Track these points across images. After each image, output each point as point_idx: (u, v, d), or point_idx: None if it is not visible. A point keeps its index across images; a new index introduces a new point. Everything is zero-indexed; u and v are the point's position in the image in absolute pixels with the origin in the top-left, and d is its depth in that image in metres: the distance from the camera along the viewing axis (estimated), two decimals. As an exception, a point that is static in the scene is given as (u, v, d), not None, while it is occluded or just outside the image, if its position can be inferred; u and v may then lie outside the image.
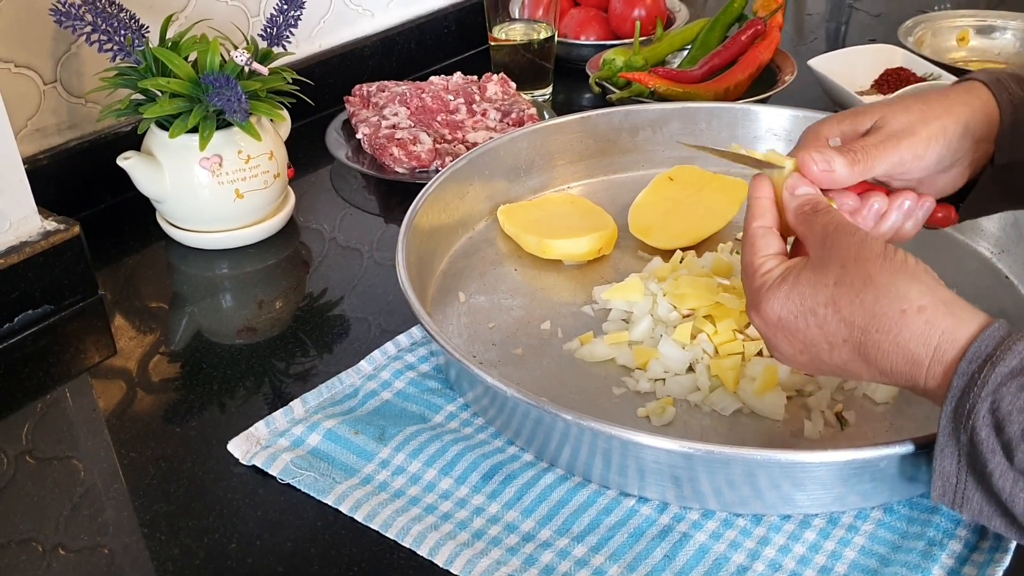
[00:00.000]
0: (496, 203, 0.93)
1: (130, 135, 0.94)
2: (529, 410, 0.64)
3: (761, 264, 0.59)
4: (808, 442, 0.68)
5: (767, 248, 0.60)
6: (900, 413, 0.71)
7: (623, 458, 0.62)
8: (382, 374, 0.75)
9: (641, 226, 0.90)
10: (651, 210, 0.91)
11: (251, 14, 1.06)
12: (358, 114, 1.07)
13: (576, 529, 0.62)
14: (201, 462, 0.69)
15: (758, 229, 0.61)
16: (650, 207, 0.92)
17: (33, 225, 0.81)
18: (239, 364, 0.78)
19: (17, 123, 0.90)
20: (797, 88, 1.15)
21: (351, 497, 0.64)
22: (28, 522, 0.64)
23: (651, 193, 0.93)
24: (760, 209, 0.62)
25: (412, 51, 1.24)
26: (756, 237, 0.61)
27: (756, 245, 0.60)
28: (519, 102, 1.09)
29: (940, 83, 1.14)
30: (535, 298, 0.83)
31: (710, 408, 0.71)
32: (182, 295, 0.88)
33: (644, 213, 0.91)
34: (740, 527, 0.63)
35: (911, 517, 0.63)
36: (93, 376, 0.78)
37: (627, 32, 1.26)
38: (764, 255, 0.60)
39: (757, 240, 0.60)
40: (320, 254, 0.92)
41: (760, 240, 0.60)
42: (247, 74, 0.87)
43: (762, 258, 0.59)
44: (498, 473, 0.66)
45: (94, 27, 0.82)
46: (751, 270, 0.60)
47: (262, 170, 0.89)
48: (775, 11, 1.22)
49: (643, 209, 0.91)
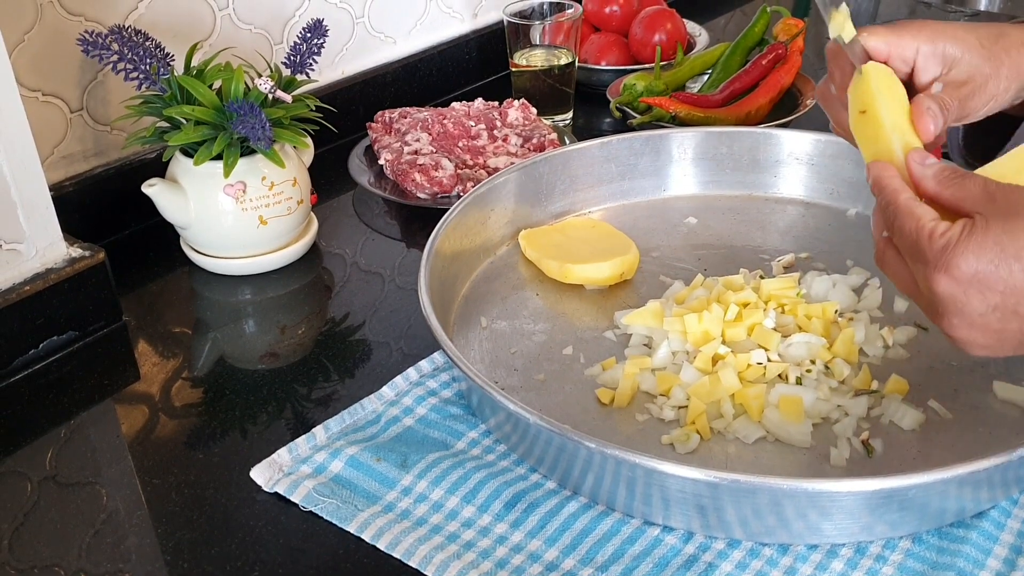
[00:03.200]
0: (517, 228, 0.93)
1: (155, 162, 0.95)
2: (552, 437, 0.63)
3: (934, 226, 0.57)
4: (834, 470, 0.67)
5: (928, 213, 0.58)
6: (928, 440, 0.70)
7: (647, 487, 0.62)
8: (404, 400, 0.75)
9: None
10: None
11: (275, 42, 1.07)
12: (380, 140, 1.07)
13: (600, 559, 0.62)
14: (224, 489, 0.69)
15: (910, 200, 0.59)
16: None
17: (59, 252, 0.82)
18: (261, 390, 0.78)
19: (44, 151, 0.91)
20: (819, 112, 1.15)
21: (374, 525, 0.64)
22: (51, 547, 0.64)
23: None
24: (898, 183, 0.60)
25: (433, 77, 1.24)
26: (913, 206, 0.58)
27: (916, 212, 0.58)
28: (540, 127, 1.09)
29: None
30: (557, 323, 0.83)
31: (734, 435, 0.70)
32: (205, 321, 0.89)
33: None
34: (766, 557, 0.62)
35: (941, 547, 0.62)
36: (116, 402, 0.78)
37: (647, 57, 1.27)
38: (931, 218, 0.57)
39: (915, 208, 0.58)
40: (342, 279, 0.93)
41: (918, 208, 0.58)
42: (271, 102, 0.88)
43: (931, 221, 0.57)
44: (521, 501, 0.65)
45: (120, 56, 0.83)
46: (926, 233, 0.57)
47: (285, 196, 0.89)
48: (796, 35, 1.22)
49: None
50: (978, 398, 0.73)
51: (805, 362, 0.74)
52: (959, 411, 0.72)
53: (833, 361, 0.74)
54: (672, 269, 0.89)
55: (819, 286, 0.82)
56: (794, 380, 0.73)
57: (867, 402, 0.72)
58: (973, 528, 0.63)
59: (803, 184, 0.98)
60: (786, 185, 0.99)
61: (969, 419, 0.71)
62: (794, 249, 0.91)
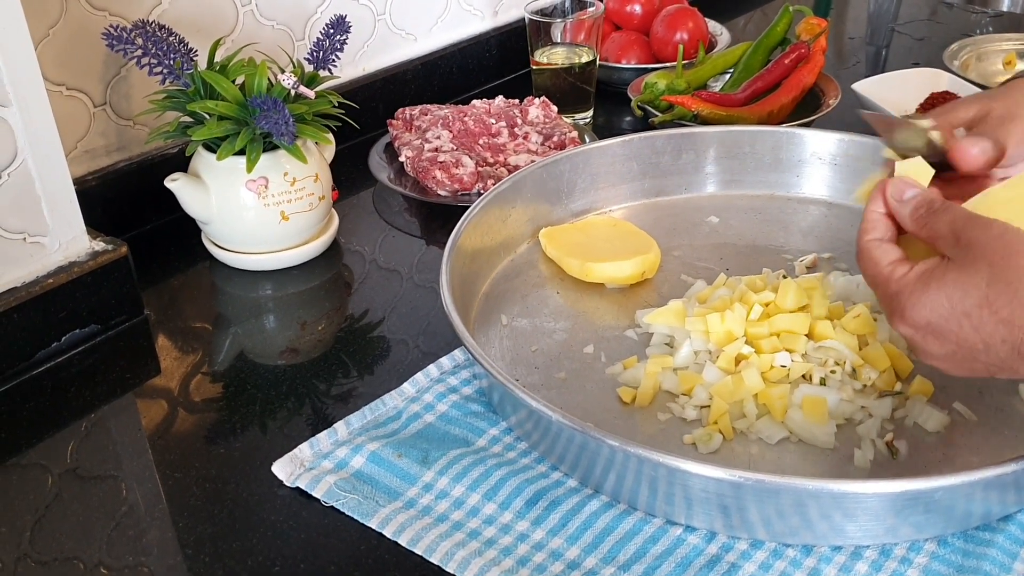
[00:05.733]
0: (538, 226, 0.92)
1: (177, 157, 0.95)
2: (574, 435, 0.63)
3: (890, 271, 0.58)
4: (858, 471, 0.67)
5: (886, 257, 0.59)
6: (952, 443, 0.69)
7: (670, 486, 0.61)
8: (425, 396, 0.75)
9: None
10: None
11: (296, 38, 1.07)
12: (401, 137, 1.07)
13: (622, 557, 0.61)
14: (244, 483, 0.69)
15: (870, 242, 0.60)
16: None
17: (82, 245, 0.82)
18: (281, 385, 0.78)
19: (67, 145, 0.91)
20: (841, 112, 1.14)
21: (395, 521, 0.64)
22: (72, 540, 0.64)
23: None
24: (872, 223, 0.61)
25: (454, 75, 1.24)
26: (871, 250, 0.60)
27: (874, 256, 0.59)
28: (561, 125, 1.09)
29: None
30: (578, 322, 0.83)
31: (756, 436, 0.70)
32: (226, 316, 0.89)
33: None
34: (790, 558, 0.61)
35: (966, 551, 0.62)
36: (137, 396, 0.78)
37: (668, 56, 1.26)
38: (888, 263, 0.59)
39: (873, 252, 0.60)
40: (362, 276, 0.93)
41: (876, 251, 0.60)
42: (293, 97, 0.88)
43: (888, 266, 0.58)
44: (542, 499, 0.65)
45: (144, 51, 0.83)
46: (880, 279, 0.58)
47: (307, 192, 0.89)
48: (819, 35, 1.21)
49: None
50: (1003, 400, 0.72)
51: (830, 363, 0.73)
52: (984, 413, 0.71)
53: (862, 366, 0.73)
54: (694, 268, 0.89)
55: (842, 286, 0.82)
56: (818, 381, 0.72)
57: (891, 403, 0.71)
58: (999, 532, 0.63)
59: (826, 184, 0.97)
60: (809, 185, 0.98)
61: (994, 421, 0.71)
62: (816, 249, 0.90)
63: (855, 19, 1.53)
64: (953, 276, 0.55)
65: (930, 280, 0.56)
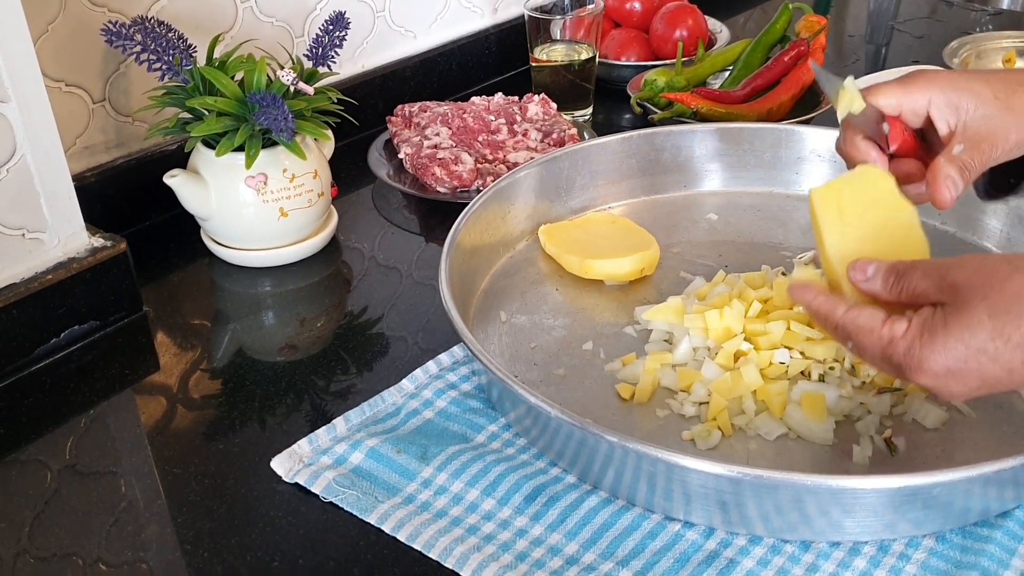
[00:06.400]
0: (537, 223, 0.92)
1: (176, 153, 0.95)
2: (572, 431, 0.63)
3: (890, 333, 0.57)
4: (856, 468, 0.67)
5: (873, 320, 0.58)
6: (951, 439, 0.69)
7: (668, 482, 0.61)
8: (424, 393, 0.75)
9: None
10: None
11: (296, 35, 1.07)
12: (400, 134, 1.07)
13: (621, 553, 0.61)
14: (243, 479, 0.69)
15: (846, 316, 0.59)
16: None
17: (81, 242, 0.82)
18: (280, 381, 0.78)
19: (66, 141, 0.91)
20: (840, 109, 1.14)
21: (394, 516, 0.64)
22: (70, 536, 0.65)
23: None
24: (829, 304, 0.60)
25: (453, 72, 1.24)
26: (854, 320, 0.58)
27: (862, 325, 0.58)
28: (560, 122, 1.09)
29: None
30: (577, 318, 0.83)
31: (755, 432, 0.70)
32: (225, 312, 0.89)
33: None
34: (788, 554, 0.61)
35: (964, 546, 0.62)
36: (136, 392, 0.78)
37: (668, 53, 1.26)
38: (880, 325, 0.57)
39: (859, 320, 0.58)
40: (361, 272, 0.93)
41: (861, 319, 0.58)
42: (293, 94, 0.88)
43: (884, 329, 0.57)
44: (541, 495, 0.65)
45: (144, 47, 0.83)
46: (882, 344, 0.57)
47: (306, 189, 0.89)
48: (818, 32, 1.21)
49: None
50: (1002, 397, 0.72)
51: (828, 359, 0.73)
52: (983, 410, 0.71)
53: (860, 363, 0.73)
54: (693, 265, 0.89)
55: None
56: (817, 377, 0.72)
57: (890, 400, 0.71)
58: (998, 527, 0.63)
59: (825, 181, 0.97)
60: (808, 182, 0.98)
61: (993, 418, 0.71)
62: (816, 246, 0.90)
63: (855, 17, 1.53)
64: (954, 320, 0.55)
65: (935, 329, 0.56)
